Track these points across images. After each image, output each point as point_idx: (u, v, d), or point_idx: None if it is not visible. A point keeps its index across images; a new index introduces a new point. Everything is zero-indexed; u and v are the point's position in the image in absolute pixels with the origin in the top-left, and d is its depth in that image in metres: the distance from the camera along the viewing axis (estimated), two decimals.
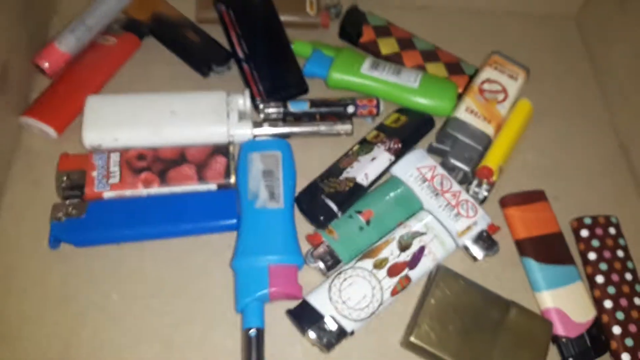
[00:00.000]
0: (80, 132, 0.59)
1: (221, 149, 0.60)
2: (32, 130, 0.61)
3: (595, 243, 0.60)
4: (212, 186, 0.58)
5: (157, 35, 0.69)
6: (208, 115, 0.61)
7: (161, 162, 0.58)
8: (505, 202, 0.62)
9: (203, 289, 0.55)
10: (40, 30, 0.68)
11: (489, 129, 0.63)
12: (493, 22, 0.77)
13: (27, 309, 0.53)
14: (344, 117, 0.64)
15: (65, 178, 0.57)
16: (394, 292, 0.54)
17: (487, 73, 0.67)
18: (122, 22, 0.69)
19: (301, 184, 0.60)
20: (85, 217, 0.55)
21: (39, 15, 0.68)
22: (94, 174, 0.57)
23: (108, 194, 0.57)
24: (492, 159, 0.62)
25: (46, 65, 0.63)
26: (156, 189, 0.57)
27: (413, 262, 0.55)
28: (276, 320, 0.54)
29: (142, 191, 0.57)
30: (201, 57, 0.68)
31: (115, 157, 0.58)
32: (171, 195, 0.58)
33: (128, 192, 0.57)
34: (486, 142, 0.62)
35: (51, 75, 0.64)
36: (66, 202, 0.56)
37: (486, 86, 0.65)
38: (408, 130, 0.63)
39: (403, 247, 0.56)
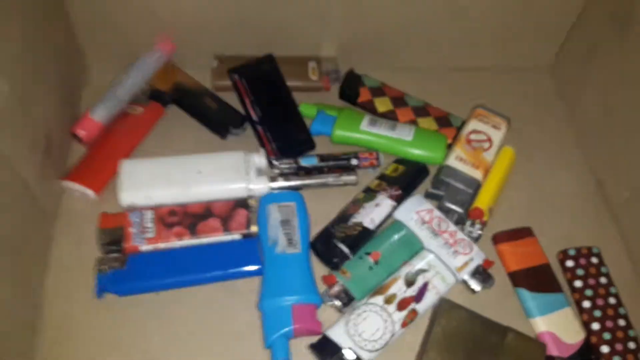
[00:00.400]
0: (115, 192, 0.66)
1: (242, 203, 0.67)
2: (73, 193, 0.68)
3: (580, 272, 0.67)
4: (236, 236, 0.65)
5: (178, 103, 0.77)
6: (229, 173, 0.68)
7: (190, 217, 0.65)
8: (497, 239, 0.69)
9: (234, 329, 0.61)
10: (74, 101, 0.76)
11: (477, 174, 0.71)
12: (475, 78, 0.85)
13: (78, 353, 0.59)
14: (348, 169, 0.72)
15: (105, 235, 0.63)
16: (404, 324, 0.60)
17: (473, 125, 0.75)
18: (147, 92, 0.76)
19: (315, 230, 0.67)
20: (126, 269, 0.61)
21: (72, 88, 0.76)
22: (131, 230, 0.64)
23: (145, 247, 0.63)
24: (482, 201, 0.69)
25: (83, 134, 0.70)
26: (187, 241, 0.64)
27: (419, 296, 0.62)
28: (300, 354, 0.60)
29: (174, 243, 0.64)
30: (219, 121, 0.75)
31: (149, 214, 0.65)
32: (200, 246, 0.64)
33: (162, 245, 0.64)
34: (476, 186, 0.70)
35: (87, 142, 0.71)
36: (108, 256, 0.63)
37: (473, 136, 0.74)
38: (406, 178, 0.71)
39: (409, 284, 0.63)
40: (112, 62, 0.77)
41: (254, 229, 0.65)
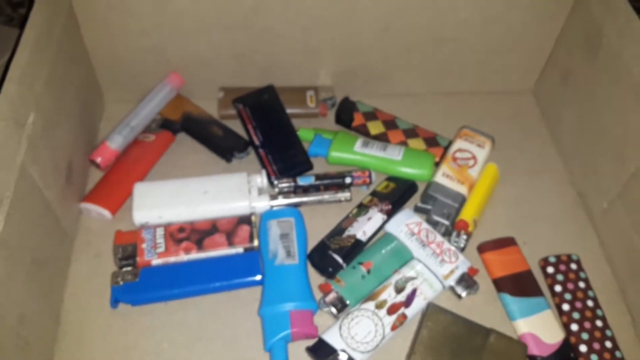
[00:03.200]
0: (130, 212, 0.73)
1: (245, 219, 0.73)
2: (91, 214, 0.75)
3: (559, 277, 0.71)
4: (239, 249, 0.71)
5: (187, 131, 0.84)
6: (233, 193, 0.74)
7: (197, 233, 0.71)
8: (482, 249, 0.74)
9: (237, 334, 0.66)
10: (93, 132, 0.84)
11: (462, 189, 0.76)
12: (462, 102, 0.92)
13: (94, 359, 0.65)
14: (343, 187, 0.78)
15: (120, 250, 0.69)
16: (394, 328, 0.65)
17: (458, 144, 0.80)
18: (158, 122, 0.84)
19: (312, 243, 0.73)
20: (139, 281, 0.67)
21: (90, 121, 0.83)
22: (144, 245, 0.70)
23: (156, 261, 0.69)
24: (467, 214, 0.74)
25: (100, 160, 0.77)
26: (194, 255, 0.70)
27: (408, 302, 0.67)
28: (298, 357, 0.64)
29: (183, 257, 0.70)
30: (225, 147, 0.82)
31: (160, 231, 0.71)
32: (207, 259, 0.70)
33: (172, 259, 0.70)
34: (461, 200, 0.75)
35: (104, 168, 0.78)
36: (122, 269, 0.69)
37: (458, 154, 0.79)
38: (396, 194, 0.77)
39: (399, 290, 0.68)
40: (126, 97, 0.85)
41: (255, 243, 0.71)
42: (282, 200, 0.76)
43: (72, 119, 0.75)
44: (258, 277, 0.68)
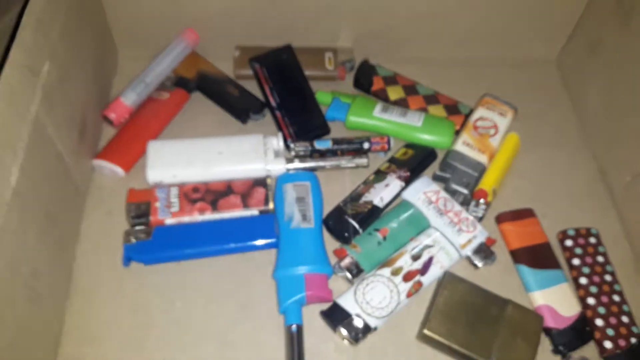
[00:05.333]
0: (143, 171, 0.71)
1: (260, 181, 0.72)
2: (103, 171, 0.74)
3: (578, 251, 0.70)
4: (254, 212, 0.70)
5: (202, 90, 0.82)
6: (249, 155, 0.73)
7: (212, 194, 0.70)
8: (500, 219, 0.73)
9: (251, 296, 0.66)
10: (106, 88, 0.82)
11: (483, 159, 0.74)
12: (484, 69, 0.89)
13: (107, 316, 0.64)
14: (360, 153, 0.76)
15: (133, 208, 0.68)
16: (409, 295, 0.65)
17: (480, 112, 0.79)
18: (173, 79, 0.82)
19: (327, 208, 0.71)
20: (152, 240, 0.66)
21: (104, 77, 0.82)
22: (157, 204, 0.69)
23: (169, 221, 0.68)
24: (486, 183, 0.73)
25: (113, 116, 0.76)
26: (209, 216, 0.69)
27: (424, 270, 0.66)
28: (312, 321, 0.64)
29: (197, 217, 0.69)
30: (240, 107, 0.80)
31: (174, 190, 0.70)
32: (221, 220, 0.69)
33: (186, 219, 0.69)
34: (481, 170, 0.74)
35: (117, 124, 0.77)
36: (135, 228, 0.68)
37: (480, 123, 0.77)
38: (415, 161, 0.75)
39: (415, 258, 0.67)
40: (141, 53, 0.83)
41: (271, 205, 0.70)
42: (298, 164, 0.74)
43: (87, 72, 0.73)
44: (273, 240, 0.67)
